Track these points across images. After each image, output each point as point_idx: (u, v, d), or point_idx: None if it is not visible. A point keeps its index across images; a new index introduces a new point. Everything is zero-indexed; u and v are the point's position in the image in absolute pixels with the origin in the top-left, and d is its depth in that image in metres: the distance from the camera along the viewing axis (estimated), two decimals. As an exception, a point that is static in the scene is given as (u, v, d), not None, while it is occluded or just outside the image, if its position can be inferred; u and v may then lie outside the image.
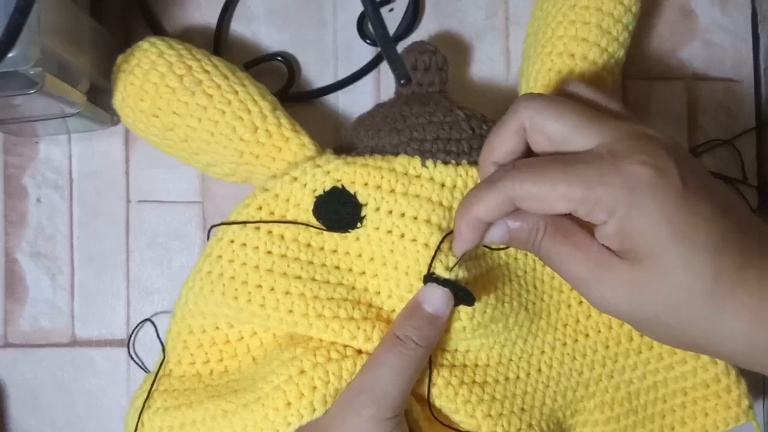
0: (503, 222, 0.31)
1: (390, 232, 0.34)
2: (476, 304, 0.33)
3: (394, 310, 0.35)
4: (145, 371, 0.40)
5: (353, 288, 0.35)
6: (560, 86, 0.34)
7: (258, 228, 0.35)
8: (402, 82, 0.37)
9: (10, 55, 0.27)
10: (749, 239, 0.28)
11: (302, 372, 0.33)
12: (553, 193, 0.28)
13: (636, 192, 0.27)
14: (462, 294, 0.33)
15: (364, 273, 0.35)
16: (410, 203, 0.34)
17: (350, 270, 0.35)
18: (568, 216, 0.29)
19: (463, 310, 0.34)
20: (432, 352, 0.34)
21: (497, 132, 0.31)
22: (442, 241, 0.33)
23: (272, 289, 0.34)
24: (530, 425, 0.35)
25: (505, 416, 0.35)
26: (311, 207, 0.35)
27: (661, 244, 0.27)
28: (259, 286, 0.34)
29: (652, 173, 0.27)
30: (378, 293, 0.35)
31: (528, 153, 0.31)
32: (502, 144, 0.31)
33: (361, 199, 0.34)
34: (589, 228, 0.30)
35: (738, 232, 0.28)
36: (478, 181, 0.35)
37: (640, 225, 0.27)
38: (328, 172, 0.35)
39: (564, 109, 0.29)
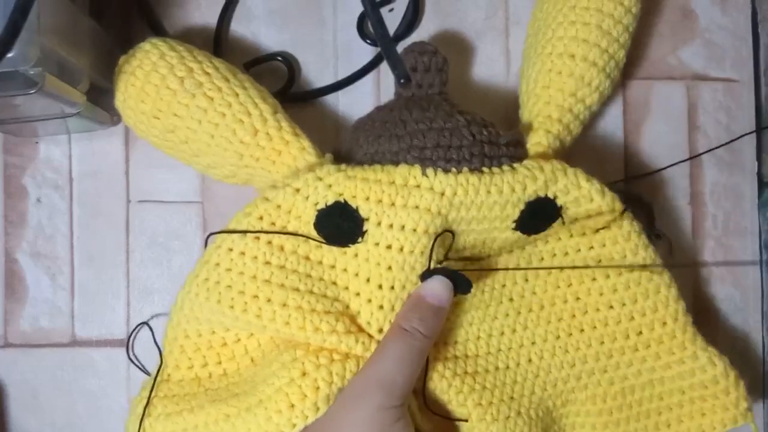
0: None
1: (389, 247, 0.34)
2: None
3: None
4: (145, 373, 0.40)
5: (347, 307, 0.35)
6: None
7: (258, 238, 0.35)
8: (402, 81, 0.37)
9: (9, 55, 0.27)
10: None
11: (304, 374, 0.33)
12: None
13: None
14: (461, 282, 0.33)
15: (358, 294, 0.35)
16: (410, 215, 0.34)
17: (346, 288, 0.35)
18: None
19: None
20: None
21: None
22: (434, 243, 0.34)
23: (269, 300, 0.34)
24: (519, 413, 0.36)
25: (494, 405, 0.35)
26: (312, 220, 0.35)
27: None
28: (256, 296, 0.34)
29: None
30: (369, 323, 0.35)
31: None
32: None
33: (363, 214, 0.34)
34: None
35: None
36: (480, 190, 0.34)
37: None
38: (330, 186, 0.34)
39: None
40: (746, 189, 0.43)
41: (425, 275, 0.34)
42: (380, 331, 0.34)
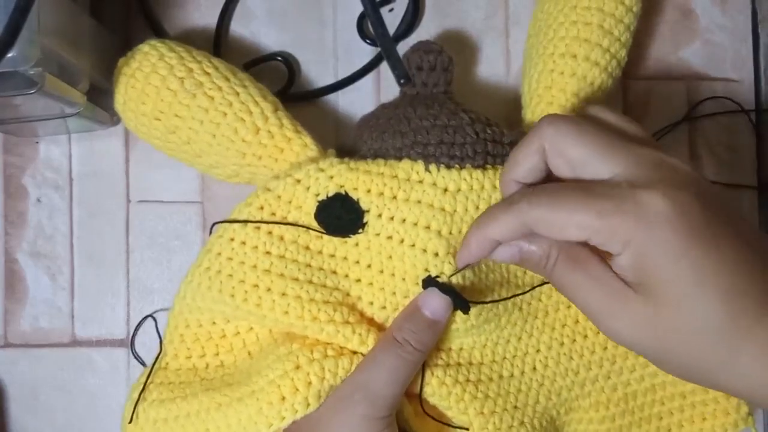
0: (516, 244, 0.30)
1: (390, 238, 0.34)
2: (473, 309, 0.33)
3: (387, 320, 0.35)
4: (145, 368, 0.40)
5: (348, 294, 0.35)
6: (581, 110, 0.34)
7: (258, 228, 0.35)
8: (402, 81, 0.37)
9: (10, 55, 0.27)
10: None
11: (298, 367, 0.33)
12: (568, 221, 0.27)
13: (653, 225, 0.26)
14: (458, 301, 0.33)
15: (359, 281, 0.35)
16: (411, 209, 0.34)
17: (346, 276, 0.35)
18: (585, 244, 0.29)
19: (459, 314, 0.34)
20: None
21: (519, 149, 0.31)
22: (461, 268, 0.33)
23: (269, 289, 0.34)
24: (522, 422, 0.35)
25: (497, 414, 0.35)
26: (313, 210, 0.35)
27: (677, 282, 0.26)
28: (256, 285, 0.34)
29: (672, 206, 0.26)
30: (371, 303, 0.35)
31: (551, 172, 0.31)
32: (523, 161, 0.31)
33: (363, 206, 0.34)
34: (605, 257, 0.29)
35: (760, 271, 0.27)
36: (485, 184, 0.35)
37: (656, 259, 0.26)
38: (332, 177, 0.35)
39: (585, 133, 0.29)
40: (746, 189, 0.43)
41: (427, 282, 0.34)
42: (383, 308, 0.35)
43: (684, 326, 0.27)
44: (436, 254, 0.34)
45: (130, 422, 0.36)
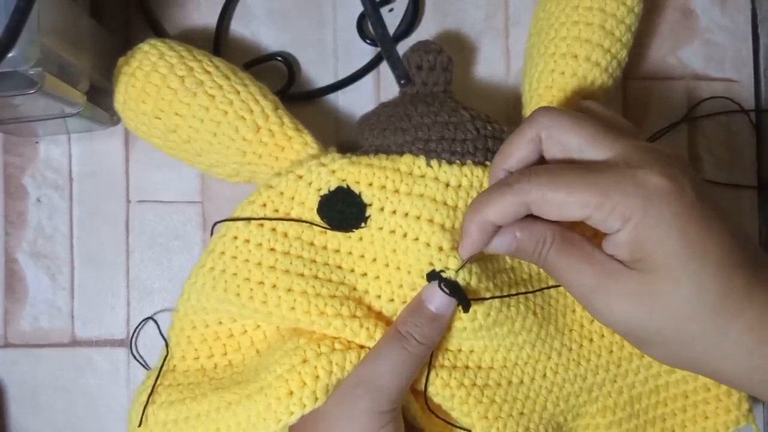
0: (511, 232, 0.31)
1: (393, 231, 0.34)
2: (480, 307, 0.33)
3: (396, 313, 0.35)
4: (146, 369, 0.40)
5: (355, 289, 0.35)
6: (574, 104, 0.35)
7: (261, 225, 0.35)
8: (402, 82, 0.37)
9: (10, 55, 0.27)
10: (756, 258, 0.28)
11: (305, 361, 0.33)
12: (569, 199, 0.28)
13: (652, 201, 0.27)
14: (459, 298, 0.33)
15: (365, 275, 0.35)
16: (414, 203, 0.34)
17: (352, 271, 0.35)
18: (573, 228, 0.29)
19: (467, 314, 0.34)
20: (433, 351, 0.34)
21: (512, 140, 0.31)
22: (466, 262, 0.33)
23: (274, 286, 0.34)
24: (527, 429, 0.35)
25: (501, 419, 0.35)
26: (316, 206, 0.35)
27: (672, 256, 0.27)
28: (261, 282, 0.34)
29: (668, 183, 0.27)
30: (378, 297, 0.35)
31: (540, 164, 0.31)
32: (516, 151, 0.31)
33: (365, 199, 0.35)
34: (595, 241, 0.30)
35: (745, 249, 0.28)
36: (484, 182, 0.35)
37: (653, 234, 0.27)
38: (333, 172, 0.35)
39: (581, 122, 0.30)
40: (746, 189, 0.43)
41: (431, 276, 0.33)
42: (391, 300, 0.35)
43: (676, 300, 0.28)
44: (440, 248, 0.33)
45: (140, 425, 0.36)
